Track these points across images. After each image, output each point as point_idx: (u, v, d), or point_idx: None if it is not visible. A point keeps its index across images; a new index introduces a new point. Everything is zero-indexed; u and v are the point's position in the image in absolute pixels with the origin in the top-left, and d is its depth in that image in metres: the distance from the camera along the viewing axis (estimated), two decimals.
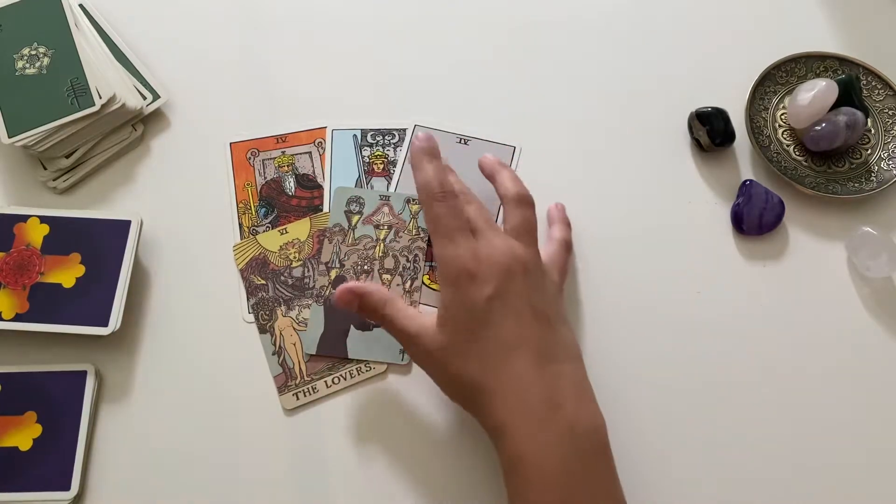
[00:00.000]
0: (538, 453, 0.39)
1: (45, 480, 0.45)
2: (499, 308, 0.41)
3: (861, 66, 0.57)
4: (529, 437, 0.39)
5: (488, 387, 0.41)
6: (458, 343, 0.42)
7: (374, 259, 0.50)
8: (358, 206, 0.52)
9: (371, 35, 0.60)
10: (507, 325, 0.41)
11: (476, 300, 0.41)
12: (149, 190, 0.54)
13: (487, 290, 0.41)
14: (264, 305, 0.50)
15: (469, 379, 0.41)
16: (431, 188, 0.44)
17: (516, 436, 0.39)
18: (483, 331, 0.41)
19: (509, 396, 0.40)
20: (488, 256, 0.42)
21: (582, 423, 0.40)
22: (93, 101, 0.52)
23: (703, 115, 0.54)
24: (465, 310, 0.42)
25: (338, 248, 0.51)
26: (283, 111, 0.56)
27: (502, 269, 0.42)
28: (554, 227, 0.51)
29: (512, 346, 0.41)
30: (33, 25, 0.55)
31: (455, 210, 0.44)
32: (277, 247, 0.52)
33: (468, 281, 0.42)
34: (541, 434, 0.39)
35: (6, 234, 0.49)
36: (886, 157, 0.54)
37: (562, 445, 0.39)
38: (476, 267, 0.42)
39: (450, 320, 0.42)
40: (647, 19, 0.61)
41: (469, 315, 0.42)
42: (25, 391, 0.47)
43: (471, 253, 0.42)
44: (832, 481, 0.46)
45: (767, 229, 0.52)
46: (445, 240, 0.43)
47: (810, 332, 0.50)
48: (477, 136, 0.56)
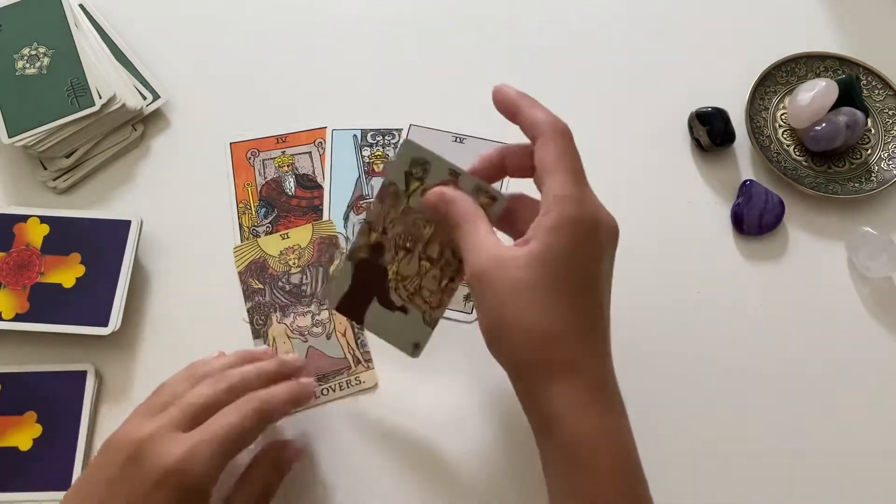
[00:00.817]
0: (602, 437, 0.35)
1: (45, 480, 0.45)
2: (607, 274, 0.38)
3: (861, 66, 0.57)
4: (595, 421, 0.35)
5: (563, 350, 0.35)
6: (552, 289, 0.35)
7: (420, 240, 0.44)
8: (421, 172, 0.43)
9: (371, 35, 0.60)
10: (603, 295, 0.37)
11: (597, 255, 0.36)
12: (149, 190, 0.54)
13: (610, 250, 0.37)
14: (260, 310, 0.50)
15: (543, 332, 0.35)
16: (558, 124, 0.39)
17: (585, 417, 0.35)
18: (586, 286, 0.36)
19: (584, 369, 0.35)
20: (604, 222, 0.38)
21: (623, 407, 0.37)
22: (93, 101, 0.52)
23: (703, 115, 0.54)
24: (580, 258, 0.36)
25: (387, 212, 0.44)
26: (283, 111, 0.56)
27: (614, 232, 0.38)
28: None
29: (599, 316, 0.37)
30: (33, 25, 0.55)
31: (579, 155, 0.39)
32: (278, 251, 0.52)
33: (589, 229, 0.36)
34: (606, 418, 0.35)
35: (6, 234, 0.49)
36: (886, 157, 0.54)
37: (621, 433, 0.36)
38: (602, 217, 0.37)
39: (553, 262, 0.35)
40: (646, 19, 0.61)
41: (582, 265, 0.36)
42: (25, 391, 0.47)
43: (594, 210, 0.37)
44: (832, 481, 0.46)
45: (767, 229, 0.52)
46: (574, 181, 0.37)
47: (810, 332, 0.50)
48: (472, 135, 0.56)
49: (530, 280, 0.35)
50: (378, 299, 0.45)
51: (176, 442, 0.36)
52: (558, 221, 0.36)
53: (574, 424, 0.35)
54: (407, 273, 0.45)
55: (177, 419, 0.37)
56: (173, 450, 0.36)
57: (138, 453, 0.36)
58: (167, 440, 0.36)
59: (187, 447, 0.36)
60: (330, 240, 0.52)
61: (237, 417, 0.38)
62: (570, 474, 0.35)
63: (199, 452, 0.36)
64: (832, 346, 0.49)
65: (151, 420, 0.38)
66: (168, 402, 0.39)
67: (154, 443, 0.36)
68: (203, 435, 0.37)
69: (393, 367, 0.48)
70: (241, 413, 0.38)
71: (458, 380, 0.48)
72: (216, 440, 0.37)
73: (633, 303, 0.50)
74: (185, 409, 0.38)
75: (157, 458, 0.36)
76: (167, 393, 0.40)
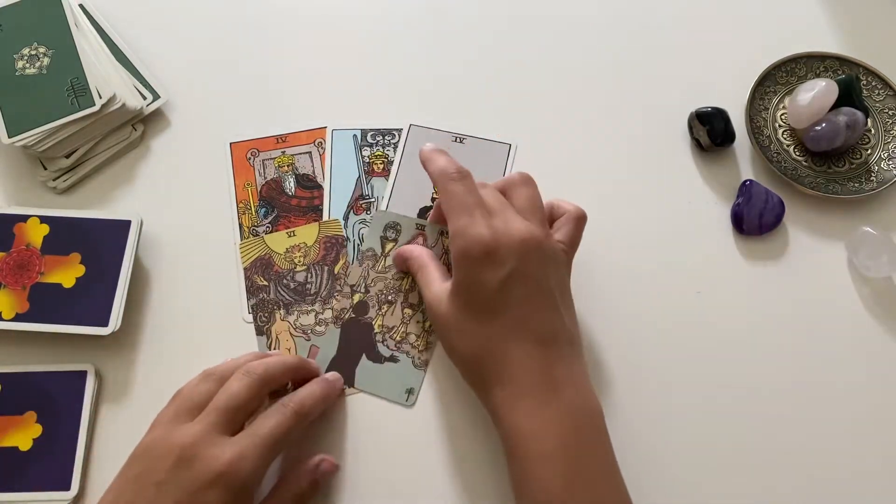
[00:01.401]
0: (538, 429, 0.39)
1: (45, 480, 0.45)
2: (511, 290, 0.41)
3: (861, 66, 0.57)
4: (529, 415, 0.40)
5: (490, 365, 0.41)
6: (467, 317, 0.42)
7: (400, 291, 0.50)
8: (394, 234, 0.51)
9: (370, 35, 0.60)
10: (515, 308, 0.41)
11: (490, 280, 0.41)
12: (149, 190, 0.54)
13: (503, 271, 0.41)
14: (264, 307, 0.50)
15: (472, 354, 0.42)
16: (447, 171, 0.44)
17: (516, 414, 0.40)
18: (492, 310, 0.42)
19: (511, 376, 0.41)
20: (506, 234, 0.42)
21: (579, 405, 0.41)
22: (93, 101, 0.52)
23: (703, 115, 0.54)
24: (478, 287, 0.42)
25: (367, 273, 0.50)
26: (283, 111, 0.56)
27: (519, 249, 0.42)
28: (562, 203, 0.48)
29: (517, 328, 0.41)
30: (33, 25, 0.55)
31: (471, 188, 0.44)
32: (283, 249, 0.52)
33: (485, 258, 0.41)
34: (540, 412, 0.40)
35: (6, 234, 0.49)
36: (886, 157, 0.54)
37: (561, 423, 0.39)
38: (494, 244, 0.41)
39: (462, 294, 0.43)
40: (646, 19, 0.61)
41: (481, 293, 0.42)
42: (25, 391, 0.47)
43: (488, 229, 0.42)
44: (832, 480, 0.46)
45: (767, 229, 0.52)
46: (463, 214, 0.42)
47: (810, 332, 0.50)
48: (473, 135, 0.56)
49: (450, 312, 0.43)
50: (367, 355, 0.48)
51: (225, 445, 0.38)
52: (454, 257, 0.43)
53: (509, 421, 0.40)
54: (392, 324, 0.49)
55: (218, 422, 0.39)
56: (224, 453, 0.38)
57: (188, 457, 0.37)
58: (216, 444, 0.38)
59: (237, 451, 0.38)
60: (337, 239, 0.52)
61: (280, 419, 0.40)
62: (511, 462, 0.40)
63: (248, 455, 0.38)
64: (832, 347, 0.49)
65: (191, 425, 0.39)
66: (199, 403, 0.40)
67: (202, 447, 0.38)
68: (251, 439, 0.39)
69: None
70: (283, 415, 0.40)
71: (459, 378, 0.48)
72: (263, 444, 0.39)
73: (632, 302, 0.51)
74: (224, 411, 0.40)
75: (208, 462, 0.37)
76: (192, 397, 0.41)
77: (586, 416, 0.41)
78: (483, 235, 0.41)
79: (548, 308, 0.42)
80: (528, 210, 0.44)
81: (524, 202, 0.44)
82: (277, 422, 0.40)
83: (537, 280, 0.42)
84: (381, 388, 0.47)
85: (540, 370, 0.41)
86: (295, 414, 0.41)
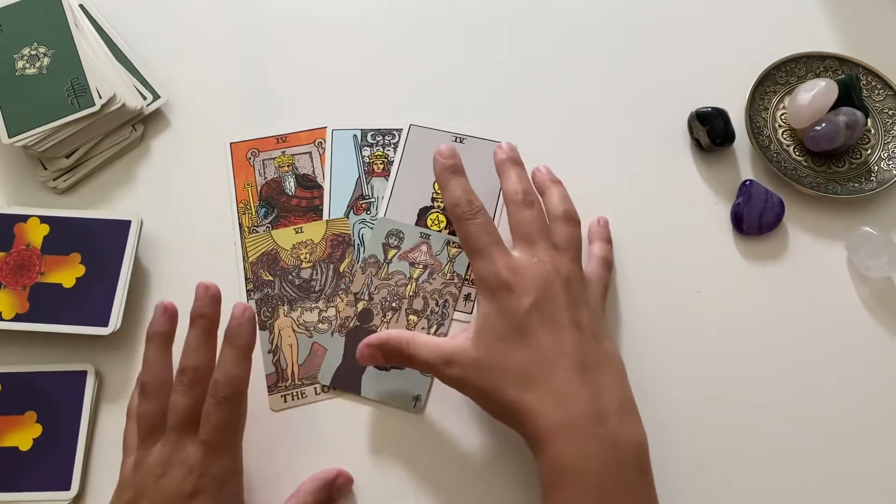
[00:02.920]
0: (579, 464, 0.38)
1: (45, 480, 0.45)
2: (538, 319, 0.41)
3: (861, 66, 0.57)
4: (570, 449, 0.38)
5: (528, 400, 0.40)
6: (496, 356, 0.41)
7: (404, 297, 0.50)
8: (397, 241, 0.51)
9: (370, 35, 0.60)
10: (546, 337, 0.41)
11: (515, 310, 0.41)
12: (149, 190, 0.54)
13: (527, 300, 0.41)
14: (268, 302, 0.50)
15: (508, 394, 0.40)
16: (461, 208, 0.45)
17: (557, 447, 0.39)
18: (522, 342, 0.41)
19: (550, 408, 0.39)
20: (527, 268, 0.43)
21: (624, 437, 0.39)
22: (93, 101, 0.52)
23: (703, 115, 0.54)
24: (503, 321, 0.41)
25: (370, 280, 0.50)
26: (283, 111, 0.56)
27: (542, 279, 0.42)
28: (595, 245, 0.50)
29: (552, 357, 0.40)
30: (33, 25, 0.55)
31: (486, 226, 0.44)
32: (290, 245, 0.52)
33: (506, 292, 0.42)
34: (582, 445, 0.38)
35: (6, 234, 0.49)
36: (886, 157, 0.54)
37: (603, 456, 0.38)
38: (513, 278, 0.42)
39: (487, 333, 0.42)
40: (646, 19, 0.61)
41: (507, 326, 0.41)
42: (25, 391, 0.47)
43: (506, 265, 0.43)
44: (831, 480, 0.46)
45: (767, 229, 0.52)
46: (479, 255, 0.43)
47: (810, 332, 0.50)
48: (473, 135, 0.56)
49: (482, 351, 0.42)
50: None
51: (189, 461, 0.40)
52: (480, 293, 0.43)
53: (553, 448, 0.39)
54: None
55: (179, 441, 0.41)
56: (192, 470, 0.40)
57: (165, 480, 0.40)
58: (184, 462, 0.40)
59: (200, 464, 0.40)
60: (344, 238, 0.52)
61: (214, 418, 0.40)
62: (550, 491, 0.39)
63: (212, 462, 0.40)
64: (832, 347, 0.49)
65: (158, 448, 0.41)
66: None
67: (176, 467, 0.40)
68: (203, 451, 0.40)
69: None
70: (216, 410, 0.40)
71: None
72: (217, 447, 0.40)
73: (632, 303, 0.51)
74: (179, 426, 0.41)
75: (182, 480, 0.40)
76: (148, 418, 0.42)
77: (630, 450, 0.39)
78: (500, 271, 0.42)
79: (583, 337, 0.41)
80: (565, 245, 0.45)
81: (564, 238, 0.45)
82: (215, 421, 0.40)
83: (566, 311, 0.42)
84: (388, 396, 0.47)
85: (582, 398, 0.39)
86: (226, 400, 0.40)
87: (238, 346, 0.41)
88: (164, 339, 0.43)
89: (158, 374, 0.43)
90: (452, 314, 0.50)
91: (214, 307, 0.43)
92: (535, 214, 0.45)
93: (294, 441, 0.46)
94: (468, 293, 0.50)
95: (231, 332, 0.42)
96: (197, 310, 0.43)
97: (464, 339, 0.43)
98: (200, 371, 0.42)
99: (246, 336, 0.42)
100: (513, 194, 0.46)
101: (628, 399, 0.42)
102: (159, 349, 0.43)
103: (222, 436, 0.40)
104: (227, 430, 0.41)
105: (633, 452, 0.39)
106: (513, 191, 0.46)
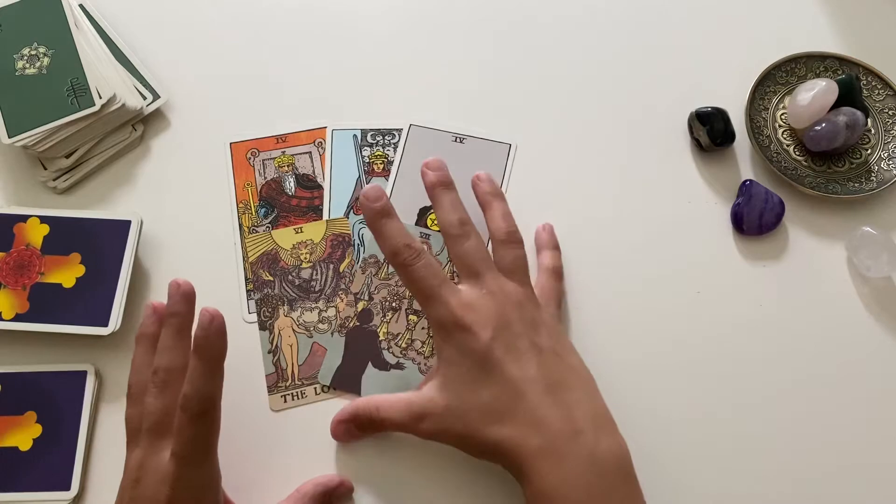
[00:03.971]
0: (562, 487, 0.38)
1: (45, 480, 0.45)
2: (500, 352, 0.41)
3: (861, 66, 0.57)
4: (552, 472, 0.38)
5: (505, 434, 0.39)
6: (466, 399, 0.41)
7: (404, 297, 0.50)
8: None
9: (370, 35, 0.60)
10: (510, 367, 0.41)
11: (475, 348, 0.41)
12: (149, 190, 0.54)
13: (485, 336, 0.41)
14: (268, 302, 0.50)
15: (485, 434, 0.40)
16: (400, 255, 0.43)
17: (541, 474, 0.38)
18: (488, 378, 0.41)
19: (528, 437, 0.39)
20: (479, 303, 0.42)
21: (603, 449, 0.39)
22: (93, 101, 0.52)
23: (703, 115, 0.54)
24: (465, 361, 0.41)
25: (370, 280, 0.50)
26: (283, 111, 0.56)
27: (495, 312, 0.42)
28: (543, 255, 0.50)
29: (520, 386, 0.40)
30: (33, 25, 0.55)
31: (430, 268, 0.43)
32: (290, 245, 0.52)
33: (463, 332, 0.41)
34: (563, 466, 0.38)
35: (6, 234, 0.49)
36: (886, 157, 0.54)
37: (586, 475, 0.38)
38: (467, 316, 0.41)
39: (452, 378, 0.41)
40: (646, 19, 0.61)
41: (471, 366, 0.41)
42: (25, 391, 0.47)
43: (458, 304, 0.42)
44: (831, 480, 0.46)
45: (767, 229, 0.52)
46: (430, 300, 0.42)
47: (810, 332, 0.50)
48: (473, 135, 0.56)
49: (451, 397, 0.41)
50: (372, 363, 0.48)
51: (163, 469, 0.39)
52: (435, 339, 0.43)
53: (537, 483, 0.38)
54: (397, 331, 0.49)
55: (153, 443, 0.40)
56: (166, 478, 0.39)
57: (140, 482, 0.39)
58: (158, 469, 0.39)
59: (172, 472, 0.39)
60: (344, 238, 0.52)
61: (185, 433, 0.39)
62: None
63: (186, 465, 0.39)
64: (832, 346, 0.49)
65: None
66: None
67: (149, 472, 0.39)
68: (177, 464, 0.39)
69: None
70: (187, 425, 0.39)
71: None
72: (188, 460, 0.39)
73: (632, 303, 0.51)
74: (153, 429, 0.40)
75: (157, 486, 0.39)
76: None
77: (611, 461, 0.39)
78: (453, 311, 0.42)
79: (546, 358, 0.41)
80: (511, 269, 0.45)
81: (509, 262, 0.45)
82: (188, 436, 0.39)
83: (525, 337, 0.42)
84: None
85: (555, 418, 0.39)
86: (199, 416, 0.39)
87: (207, 359, 0.39)
88: (150, 340, 0.43)
89: (143, 377, 0.42)
90: None
91: (187, 305, 0.42)
92: (475, 245, 0.44)
93: (294, 441, 0.46)
94: None
95: (198, 344, 0.40)
96: (168, 308, 0.42)
97: (429, 388, 0.42)
98: (172, 371, 0.41)
99: (215, 347, 0.40)
100: (448, 227, 0.45)
101: (601, 410, 0.41)
102: (145, 352, 0.43)
103: (195, 449, 0.39)
104: (200, 443, 0.39)
105: (613, 463, 0.39)
106: (448, 223, 0.45)
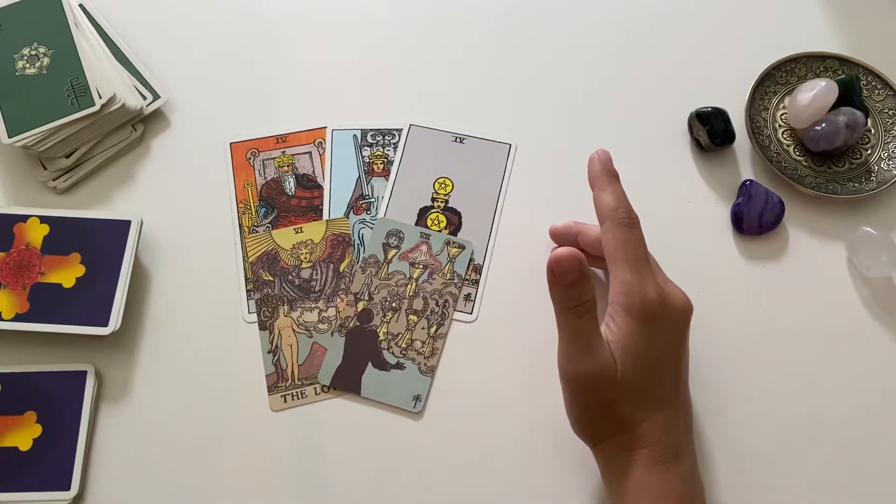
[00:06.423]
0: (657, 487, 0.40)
1: (45, 480, 0.45)
2: (668, 361, 0.42)
3: (861, 66, 0.57)
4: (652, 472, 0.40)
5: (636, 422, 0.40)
6: (633, 382, 0.40)
7: (404, 297, 0.50)
8: (397, 241, 0.51)
9: (370, 35, 0.60)
10: (668, 379, 0.42)
11: (657, 344, 0.41)
12: (149, 190, 0.54)
13: (665, 338, 0.41)
14: (268, 302, 0.50)
15: (625, 419, 0.40)
16: (619, 213, 0.42)
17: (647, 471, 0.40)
18: (654, 368, 0.41)
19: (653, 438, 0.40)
20: (672, 303, 0.42)
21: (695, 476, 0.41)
22: (93, 101, 0.52)
23: (703, 115, 0.54)
24: (645, 348, 0.40)
25: (370, 280, 0.50)
26: (283, 111, 0.56)
27: (679, 317, 0.42)
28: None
29: (672, 387, 0.42)
30: (33, 25, 0.55)
31: (642, 241, 0.42)
32: (290, 245, 0.52)
33: (651, 321, 0.41)
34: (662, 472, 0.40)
35: (6, 234, 0.49)
36: (886, 157, 0.54)
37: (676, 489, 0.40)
38: (661, 310, 0.41)
39: (630, 355, 0.40)
40: (646, 19, 0.61)
41: (647, 356, 0.40)
42: (25, 391, 0.47)
43: (658, 294, 0.41)
44: (831, 480, 0.46)
45: (767, 229, 0.52)
46: (631, 268, 0.41)
47: (810, 332, 0.50)
48: (473, 135, 0.56)
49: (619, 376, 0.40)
50: (372, 363, 0.48)
51: None
52: (621, 308, 0.41)
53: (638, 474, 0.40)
54: (397, 331, 0.49)
55: None
56: None
57: None
58: None
59: None
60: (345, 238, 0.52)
61: None
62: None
63: None
64: (832, 347, 0.49)
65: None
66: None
67: None
68: None
69: None
70: None
71: (460, 377, 0.48)
72: None
73: None
74: None
75: None
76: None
77: (696, 490, 0.41)
78: (652, 300, 0.40)
79: (684, 377, 0.43)
80: (666, 280, 0.45)
81: (651, 261, 0.45)
82: None
83: (680, 347, 0.43)
84: (388, 395, 0.47)
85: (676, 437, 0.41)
86: None
87: None
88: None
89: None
90: (452, 314, 0.50)
91: None
92: (640, 236, 0.43)
93: (294, 441, 0.46)
94: (468, 293, 0.50)
95: None
96: None
97: (606, 356, 0.41)
98: None
99: None
100: (609, 211, 0.42)
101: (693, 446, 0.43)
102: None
103: None
104: None
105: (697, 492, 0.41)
106: (609, 208, 0.42)
